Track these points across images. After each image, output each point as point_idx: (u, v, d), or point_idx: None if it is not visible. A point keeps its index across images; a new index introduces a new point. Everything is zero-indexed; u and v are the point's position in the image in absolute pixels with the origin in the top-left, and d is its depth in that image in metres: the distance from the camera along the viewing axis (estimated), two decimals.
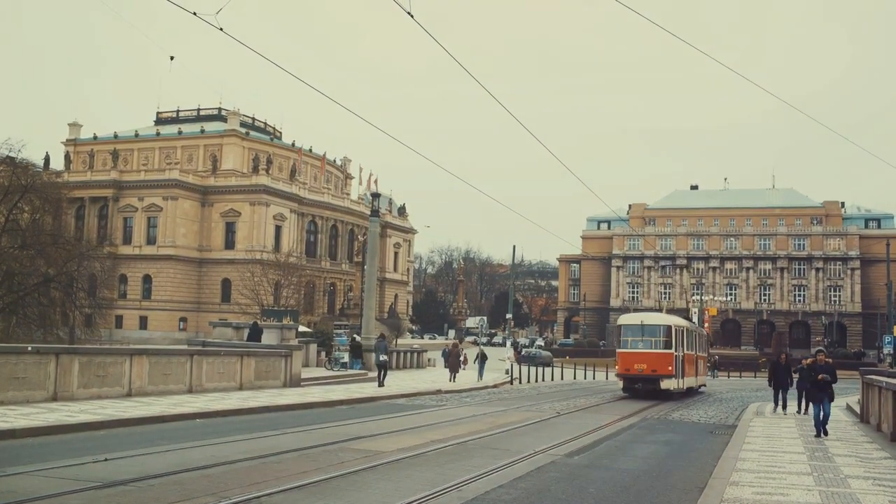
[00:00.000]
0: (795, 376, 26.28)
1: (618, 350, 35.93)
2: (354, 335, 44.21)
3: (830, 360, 21.94)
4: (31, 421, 16.99)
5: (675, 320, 37.49)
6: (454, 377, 40.74)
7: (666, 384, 33.84)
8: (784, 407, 26.96)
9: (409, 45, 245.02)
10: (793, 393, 27.24)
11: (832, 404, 21.12)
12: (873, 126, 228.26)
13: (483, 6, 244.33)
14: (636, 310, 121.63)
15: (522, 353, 75.16)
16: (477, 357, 45.82)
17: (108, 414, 18.98)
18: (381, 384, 33.43)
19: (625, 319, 37.06)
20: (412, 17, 16.77)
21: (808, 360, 21.99)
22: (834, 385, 20.96)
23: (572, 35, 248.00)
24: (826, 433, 19.91)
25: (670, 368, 33.83)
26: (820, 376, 20.29)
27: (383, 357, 35.10)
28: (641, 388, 33.93)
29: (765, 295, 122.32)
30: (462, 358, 45.53)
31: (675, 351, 34.35)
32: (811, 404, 20.96)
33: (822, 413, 19.97)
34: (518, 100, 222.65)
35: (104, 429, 17.39)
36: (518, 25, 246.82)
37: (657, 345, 34.31)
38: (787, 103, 27.59)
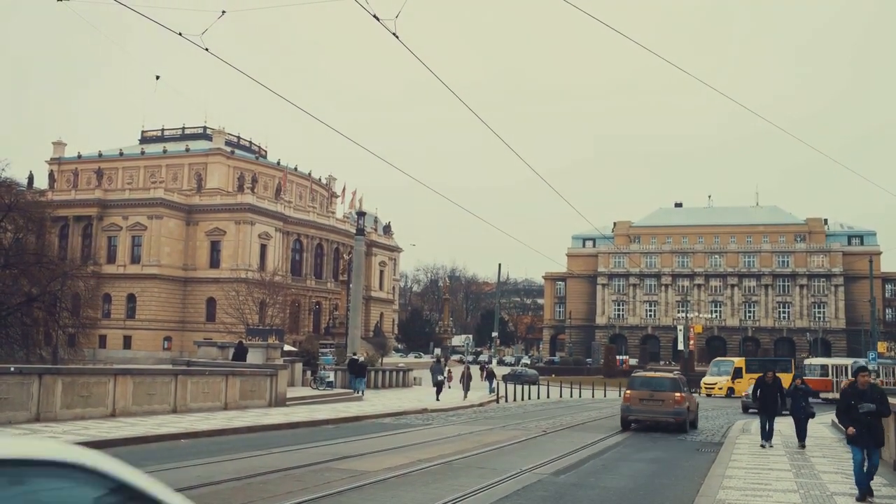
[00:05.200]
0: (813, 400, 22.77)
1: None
2: (353, 354, 44.43)
3: (879, 382, 15.20)
4: None
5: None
6: (467, 392, 44.34)
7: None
8: (770, 437, 21.82)
9: (391, 68, 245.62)
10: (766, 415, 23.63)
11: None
12: (856, 145, 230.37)
13: (465, 33, 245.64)
14: (621, 327, 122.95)
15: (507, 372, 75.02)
16: (485, 375, 47.92)
17: (92, 435, 18.82)
18: (437, 399, 39.24)
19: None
20: (397, 37, 16.84)
21: (845, 382, 16.09)
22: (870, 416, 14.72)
23: (554, 61, 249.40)
24: (870, 493, 13.00)
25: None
26: (860, 406, 13.15)
27: (440, 377, 41.81)
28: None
29: (749, 312, 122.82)
30: (447, 375, 48.96)
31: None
32: (851, 449, 13.62)
33: (866, 462, 13.17)
34: (502, 123, 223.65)
35: None
36: (500, 51, 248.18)
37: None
38: (772, 123, 27.84)
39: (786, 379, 56.87)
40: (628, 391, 28.29)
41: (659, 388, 27.76)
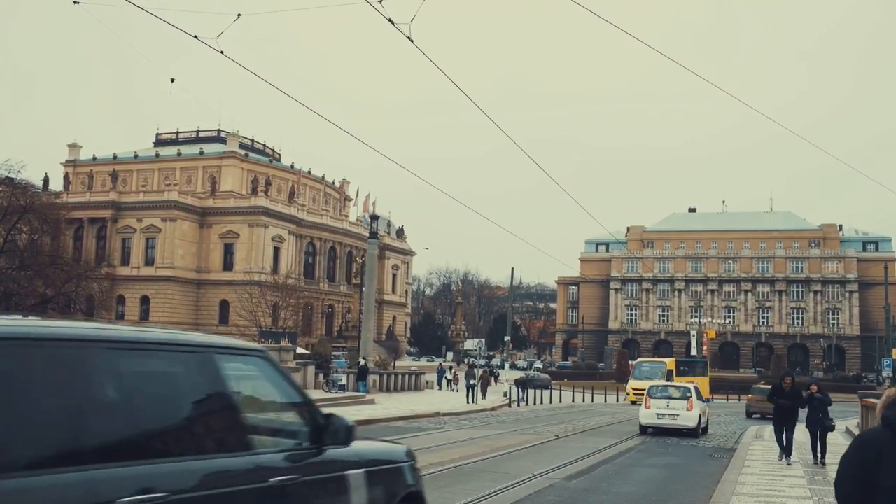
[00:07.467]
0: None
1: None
2: (361, 359, 44.82)
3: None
4: None
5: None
6: (485, 395, 46.75)
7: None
8: (789, 453, 19.34)
9: (403, 74, 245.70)
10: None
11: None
12: (871, 150, 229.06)
13: (475, 38, 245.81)
14: (634, 332, 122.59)
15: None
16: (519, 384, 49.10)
17: None
18: (468, 402, 42.54)
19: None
20: (412, 41, 16.84)
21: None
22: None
23: (565, 66, 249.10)
24: None
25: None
26: None
27: (472, 382, 44.61)
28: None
29: (763, 318, 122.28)
30: (454, 377, 53.43)
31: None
32: None
33: None
34: (513, 127, 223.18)
35: None
36: (510, 56, 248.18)
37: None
38: (786, 128, 27.73)
39: (702, 384, 53.47)
40: (750, 395, 44.34)
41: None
